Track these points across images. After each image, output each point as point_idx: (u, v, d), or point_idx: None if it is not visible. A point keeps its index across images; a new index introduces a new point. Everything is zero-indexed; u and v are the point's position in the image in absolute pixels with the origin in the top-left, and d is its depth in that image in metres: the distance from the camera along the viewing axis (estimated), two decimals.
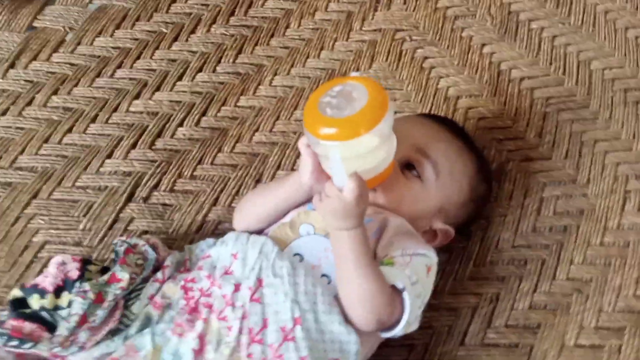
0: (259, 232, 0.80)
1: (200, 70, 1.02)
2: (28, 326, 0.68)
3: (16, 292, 0.71)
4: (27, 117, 0.95)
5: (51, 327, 0.69)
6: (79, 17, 1.03)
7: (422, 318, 0.78)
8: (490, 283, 0.89)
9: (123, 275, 0.71)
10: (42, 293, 0.70)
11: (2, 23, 1.01)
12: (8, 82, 0.97)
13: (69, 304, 0.69)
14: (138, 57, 1.02)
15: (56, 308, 0.70)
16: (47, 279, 0.71)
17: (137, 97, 0.99)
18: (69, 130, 0.95)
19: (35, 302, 0.70)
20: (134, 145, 0.95)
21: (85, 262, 0.74)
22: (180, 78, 1.01)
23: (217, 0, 1.09)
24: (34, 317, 0.69)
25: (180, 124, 0.97)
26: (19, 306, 0.71)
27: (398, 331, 0.73)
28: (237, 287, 0.72)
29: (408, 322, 0.73)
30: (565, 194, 0.95)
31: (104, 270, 0.75)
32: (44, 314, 0.70)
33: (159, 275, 0.74)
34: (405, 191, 0.80)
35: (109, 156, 0.93)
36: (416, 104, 1.01)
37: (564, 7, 1.11)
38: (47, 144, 0.93)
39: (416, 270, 0.75)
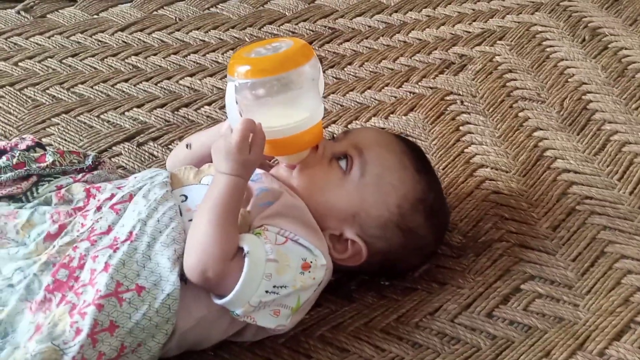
0: None
1: None
2: None
3: None
4: (106, 63, 1.09)
5: None
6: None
7: (286, 323, 0.67)
8: (401, 345, 0.72)
9: (49, 159, 0.77)
10: None
11: None
12: (116, 39, 1.13)
13: None
14: (212, 51, 1.11)
15: None
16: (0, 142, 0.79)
17: (192, 75, 1.07)
18: (125, 80, 1.07)
19: None
20: (162, 105, 1.02)
21: (39, 145, 0.80)
22: None
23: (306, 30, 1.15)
24: None
25: (209, 104, 1.02)
26: None
27: (227, 301, 0.64)
28: (112, 196, 0.72)
29: (241, 297, 0.64)
30: (550, 296, 0.76)
31: None
32: None
33: (78, 175, 0.77)
34: (320, 176, 0.73)
35: (139, 106, 1.02)
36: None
37: None
38: (104, 83, 1.06)
39: (283, 254, 0.66)
